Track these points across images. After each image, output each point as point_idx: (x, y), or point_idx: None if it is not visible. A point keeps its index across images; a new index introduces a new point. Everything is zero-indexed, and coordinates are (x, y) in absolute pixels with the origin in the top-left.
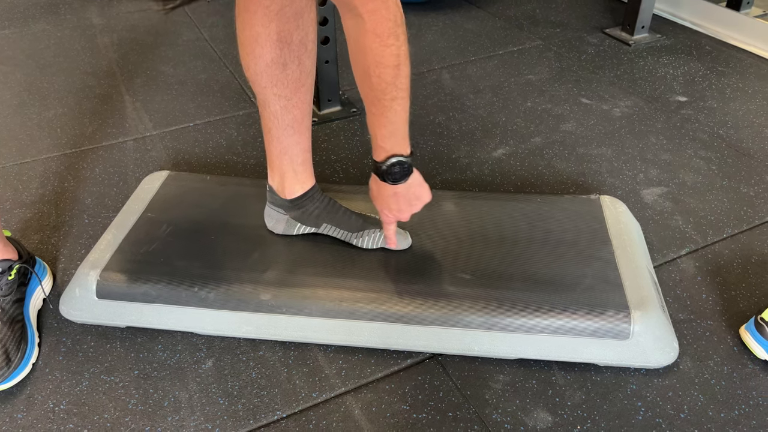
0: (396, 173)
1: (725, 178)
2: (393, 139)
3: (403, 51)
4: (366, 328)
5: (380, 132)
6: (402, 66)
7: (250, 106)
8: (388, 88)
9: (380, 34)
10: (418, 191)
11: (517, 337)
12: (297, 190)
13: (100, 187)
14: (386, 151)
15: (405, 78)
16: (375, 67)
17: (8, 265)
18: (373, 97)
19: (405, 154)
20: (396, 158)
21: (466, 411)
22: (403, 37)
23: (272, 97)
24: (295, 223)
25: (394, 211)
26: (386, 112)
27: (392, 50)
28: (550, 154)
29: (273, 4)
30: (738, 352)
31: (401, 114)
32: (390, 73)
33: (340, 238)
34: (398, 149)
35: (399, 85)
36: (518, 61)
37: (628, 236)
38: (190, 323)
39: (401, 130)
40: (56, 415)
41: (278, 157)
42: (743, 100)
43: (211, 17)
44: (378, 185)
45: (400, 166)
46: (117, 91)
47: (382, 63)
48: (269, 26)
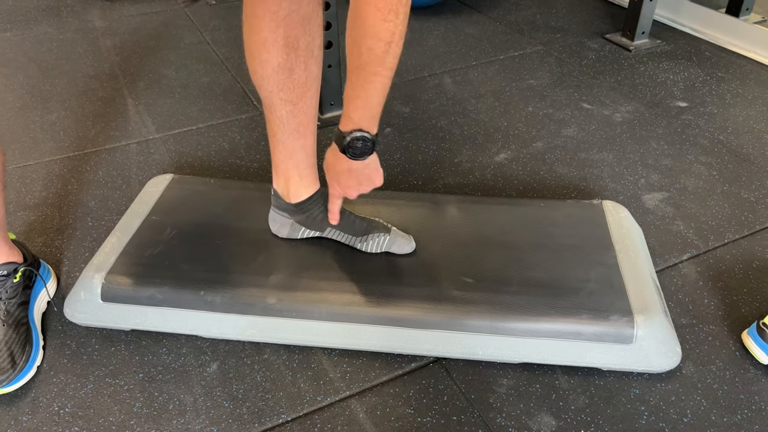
0: (357, 148)
1: (726, 184)
2: (363, 112)
3: (399, 30)
4: (370, 332)
5: (353, 102)
6: (394, 44)
7: (253, 109)
8: (375, 61)
9: (381, 8)
10: (372, 173)
11: (521, 342)
12: (302, 194)
13: (104, 190)
14: (353, 123)
15: (393, 57)
16: (367, 38)
17: (13, 268)
18: (357, 66)
19: (371, 132)
20: (361, 133)
21: (471, 415)
22: (403, 16)
23: (278, 101)
24: (300, 227)
25: (343, 186)
26: (365, 84)
27: (389, 26)
28: (551, 158)
29: (280, 9)
30: (740, 357)
31: (380, 91)
32: (380, 48)
33: (344, 242)
34: (365, 125)
35: (386, 63)
36: (519, 66)
37: (630, 241)
38: (194, 326)
39: (374, 108)
40: (61, 418)
41: (283, 162)
42: (743, 105)
43: (213, 21)
44: (335, 156)
45: (362, 141)
46: (119, 94)
47: (375, 35)
48: (276, 31)
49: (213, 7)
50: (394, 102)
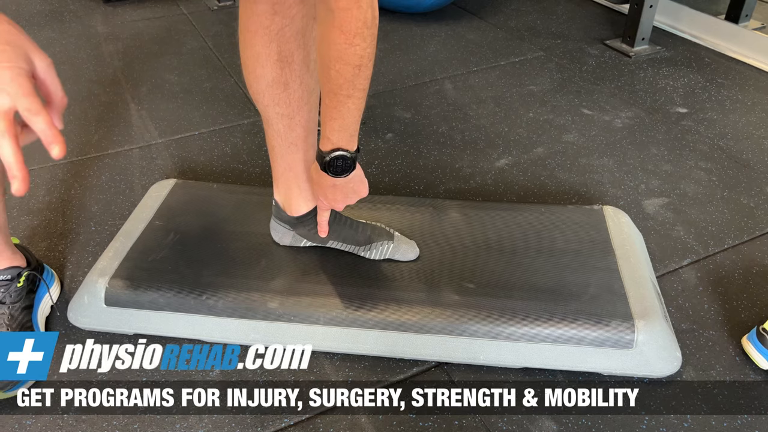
0: (338, 167)
1: (726, 189)
2: (341, 134)
3: (367, 53)
4: (372, 337)
5: (330, 124)
6: (363, 67)
7: (255, 114)
8: (346, 84)
9: (347, 32)
10: (357, 186)
11: (522, 346)
12: (302, 208)
13: (107, 195)
14: (332, 143)
15: (364, 79)
16: (336, 62)
17: (17, 273)
18: (329, 90)
19: (350, 150)
20: (340, 152)
21: (472, 419)
22: (370, 39)
23: (274, 116)
24: (302, 239)
25: (330, 200)
26: (339, 106)
27: (357, 50)
28: (552, 164)
29: (273, 24)
30: (740, 362)
31: (354, 112)
32: (350, 72)
33: (348, 251)
34: (344, 144)
35: (357, 85)
36: (520, 72)
37: (630, 246)
38: (197, 330)
39: (351, 127)
40: (65, 422)
41: (283, 174)
42: (742, 111)
43: (215, 26)
44: (318, 174)
45: (342, 160)
46: (122, 99)
47: (343, 60)
48: (270, 46)
49: (215, 12)
50: (395, 107)
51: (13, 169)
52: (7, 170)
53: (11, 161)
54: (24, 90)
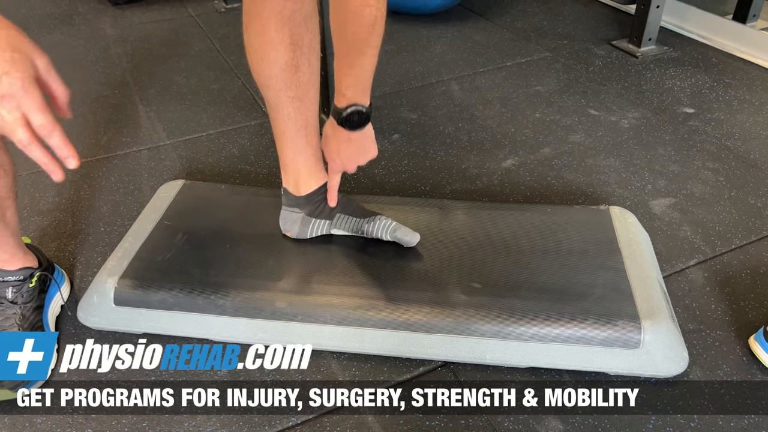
0: (354, 121)
1: (733, 190)
2: (355, 89)
3: (381, 12)
4: (379, 336)
5: (345, 81)
6: (377, 26)
7: (263, 116)
8: (360, 43)
9: None
10: (368, 145)
11: (529, 346)
12: (312, 185)
13: (116, 196)
14: (347, 99)
15: (378, 36)
16: (351, 23)
17: (29, 273)
18: (344, 48)
19: (365, 104)
20: (355, 107)
21: (478, 419)
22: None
23: (286, 99)
24: (310, 220)
25: (343, 158)
26: (354, 63)
27: (371, 10)
28: (559, 164)
29: (285, 9)
30: (747, 362)
31: (368, 68)
32: (365, 31)
33: (351, 228)
34: (359, 99)
35: (371, 43)
36: (526, 73)
37: (637, 246)
38: (205, 330)
39: (365, 83)
40: (74, 420)
41: (293, 160)
42: (750, 112)
43: (223, 28)
44: (334, 129)
45: (358, 115)
46: (131, 100)
47: (358, 21)
48: (282, 30)
49: (222, 14)
50: (401, 108)
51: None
52: (45, 167)
53: (46, 161)
54: (37, 104)
